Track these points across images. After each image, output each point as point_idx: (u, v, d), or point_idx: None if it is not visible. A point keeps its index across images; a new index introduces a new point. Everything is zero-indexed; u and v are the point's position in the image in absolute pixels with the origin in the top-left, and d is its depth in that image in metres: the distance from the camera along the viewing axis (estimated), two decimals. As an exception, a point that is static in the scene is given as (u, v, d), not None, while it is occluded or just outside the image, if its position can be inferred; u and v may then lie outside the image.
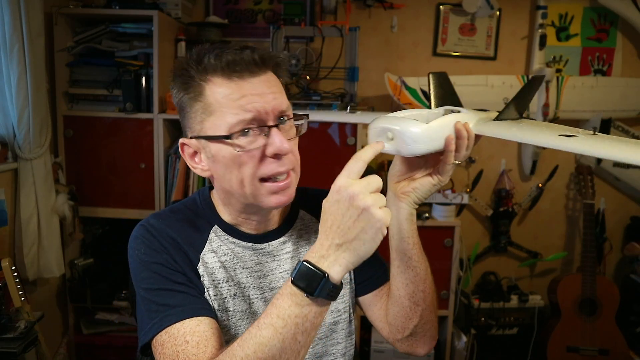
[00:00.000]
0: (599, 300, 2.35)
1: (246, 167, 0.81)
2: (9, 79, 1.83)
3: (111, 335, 2.33)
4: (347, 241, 0.67)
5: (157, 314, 0.79)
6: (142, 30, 2.18)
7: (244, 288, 0.89)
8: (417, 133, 0.76)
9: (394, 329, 0.97)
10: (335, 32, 2.34)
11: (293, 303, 0.68)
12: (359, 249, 0.67)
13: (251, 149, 0.80)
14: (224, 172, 0.83)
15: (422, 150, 0.77)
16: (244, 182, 0.82)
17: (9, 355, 1.50)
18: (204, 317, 0.79)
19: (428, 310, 0.93)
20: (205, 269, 0.87)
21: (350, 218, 0.67)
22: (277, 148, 0.80)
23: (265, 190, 0.83)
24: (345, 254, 0.68)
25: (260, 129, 0.80)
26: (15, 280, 1.62)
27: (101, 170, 2.25)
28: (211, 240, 0.90)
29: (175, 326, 0.77)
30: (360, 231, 0.66)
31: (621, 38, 2.62)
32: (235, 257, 0.90)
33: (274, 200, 0.83)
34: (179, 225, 0.89)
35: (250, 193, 0.83)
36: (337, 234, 0.68)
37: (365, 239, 0.67)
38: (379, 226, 0.66)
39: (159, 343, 0.77)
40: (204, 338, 0.76)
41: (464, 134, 0.80)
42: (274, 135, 0.80)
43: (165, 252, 0.84)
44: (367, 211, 0.65)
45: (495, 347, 2.55)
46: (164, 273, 0.82)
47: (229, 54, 0.80)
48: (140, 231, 0.88)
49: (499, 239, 2.68)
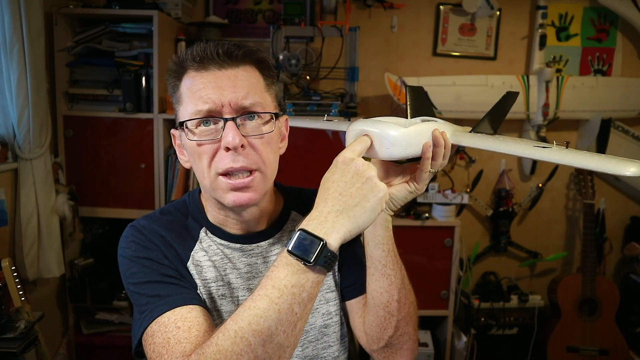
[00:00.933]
0: (599, 300, 2.35)
1: (203, 159, 0.82)
2: (9, 79, 1.83)
3: (111, 335, 2.33)
4: (348, 207, 0.67)
5: (148, 306, 0.77)
6: (142, 30, 2.19)
7: (233, 289, 0.88)
8: (395, 136, 0.76)
9: (370, 338, 0.94)
10: (335, 32, 2.34)
11: (289, 272, 0.66)
12: (359, 216, 0.67)
13: (205, 140, 0.81)
14: (192, 163, 0.85)
15: (399, 154, 0.77)
16: (204, 174, 0.83)
17: (9, 355, 1.50)
18: (196, 305, 0.78)
19: (404, 321, 0.90)
20: (196, 267, 0.87)
21: (353, 185, 0.68)
22: (227, 141, 0.78)
23: (223, 186, 0.81)
24: (345, 220, 0.67)
25: (214, 120, 0.80)
26: (15, 280, 1.62)
27: (101, 170, 2.25)
28: (202, 240, 0.90)
29: (165, 315, 0.75)
30: (362, 198, 0.68)
31: (621, 38, 2.62)
32: (225, 257, 0.89)
33: (230, 197, 0.82)
34: (169, 225, 0.89)
35: (210, 186, 0.83)
36: (338, 200, 0.68)
37: (366, 207, 0.68)
38: (381, 195, 0.68)
39: (149, 334, 0.75)
40: (196, 323, 0.74)
41: (441, 142, 0.80)
42: (227, 129, 0.79)
43: (156, 249, 0.84)
44: (371, 180, 0.68)
45: (495, 347, 2.55)
46: (154, 267, 0.82)
47: (203, 48, 0.82)
48: (130, 231, 0.87)
49: (499, 239, 2.68)
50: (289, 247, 0.67)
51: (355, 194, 0.68)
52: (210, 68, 0.81)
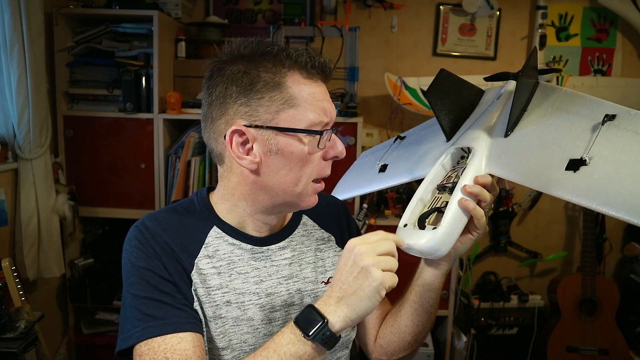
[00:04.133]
0: (599, 300, 2.35)
1: (310, 166, 0.82)
2: (9, 79, 1.83)
3: (111, 335, 2.33)
4: (346, 295, 0.72)
5: (140, 323, 0.78)
6: (142, 30, 2.19)
7: (239, 294, 0.87)
8: (431, 247, 0.75)
9: (383, 351, 1.01)
10: (335, 32, 2.34)
11: (290, 341, 0.71)
12: (356, 305, 0.71)
13: (321, 150, 0.83)
14: (281, 167, 0.81)
15: (447, 249, 0.76)
16: (300, 180, 0.83)
17: (9, 355, 1.50)
18: (187, 332, 0.78)
19: (422, 342, 1.00)
20: (199, 276, 0.85)
21: (350, 274, 0.72)
22: (340, 152, 0.84)
23: (312, 190, 0.85)
24: (344, 307, 0.72)
25: (328, 132, 0.83)
26: (15, 280, 1.62)
27: (101, 170, 2.25)
28: (207, 245, 0.88)
29: (156, 340, 0.76)
30: (358, 288, 0.71)
31: (621, 38, 2.62)
32: (231, 261, 0.88)
33: (313, 200, 0.87)
34: (174, 229, 0.87)
35: (300, 192, 0.84)
36: (339, 286, 0.73)
37: (362, 296, 0.71)
38: (375, 285, 0.70)
39: (137, 354, 0.77)
40: (185, 357, 0.75)
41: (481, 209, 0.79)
42: (336, 140, 0.85)
43: (157, 258, 0.83)
44: (366, 269, 0.70)
45: (495, 347, 2.55)
46: (152, 281, 0.81)
47: (309, 55, 0.81)
48: (134, 232, 0.86)
49: (499, 239, 2.68)
50: (295, 318, 0.73)
51: (352, 283, 0.71)
52: (315, 79, 0.82)
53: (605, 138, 0.69)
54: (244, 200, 0.87)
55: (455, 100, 0.95)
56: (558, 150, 0.73)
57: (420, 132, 1.10)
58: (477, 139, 0.84)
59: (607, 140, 0.69)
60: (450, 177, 0.84)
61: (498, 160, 0.80)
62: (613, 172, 0.65)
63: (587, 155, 0.68)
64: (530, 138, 0.79)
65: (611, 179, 0.64)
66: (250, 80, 0.80)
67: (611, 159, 0.66)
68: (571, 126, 0.75)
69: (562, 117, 0.78)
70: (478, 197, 0.78)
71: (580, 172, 0.68)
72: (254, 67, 0.80)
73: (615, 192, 0.63)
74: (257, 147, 0.81)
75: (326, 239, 1.00)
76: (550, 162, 0.72)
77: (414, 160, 0.99)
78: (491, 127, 0.86)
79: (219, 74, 0.83)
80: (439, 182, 0.85)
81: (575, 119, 0.76)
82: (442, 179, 0.85)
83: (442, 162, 0.86)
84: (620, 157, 0.66)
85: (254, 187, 0.85)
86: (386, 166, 1.06)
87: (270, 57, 0.80)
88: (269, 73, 0.80)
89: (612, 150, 0.68)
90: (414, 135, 1.11)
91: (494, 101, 0.94)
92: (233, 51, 0.83)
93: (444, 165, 0.87)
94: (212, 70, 0.84)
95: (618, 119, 0.71)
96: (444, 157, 0.87)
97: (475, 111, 0.98)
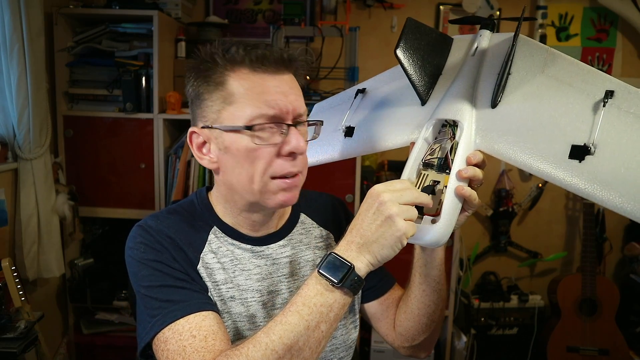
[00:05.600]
0: (599, 300, 2.35)
1: (259, 162, 0.80)
2: (9, 79, 1.83)
3: (111, 335, 2.33)
4: (368, 242, 0.71)
5: (160, 311, 0.77)
6: (142, 30, 2.19)
7: (243, 290, 0.87)
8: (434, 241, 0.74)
9: (404, 338, 1.00)
10: (335, 32, 2.34)
11: (319, 292, 0.70)
12: (377, 252, 0.71)
13: (269, 144, 0.79)
14: (234, 166, 0.82)
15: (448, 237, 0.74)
16: (254, 178, 0.81)
17: (9, 355, 1.50)
18: (209, 311, 0.78)
19: (440, 324, 0.99)
20: (206, 270, 0.86)
21: (373, 222, 0.71)
22: (294, 147, 0.80)
23: (274, 187, 0.82)
24: (367, 254, 0.71)
25: (278, 126, 0.80)
26: (15, 280, 1.62)
27: (101, 170, 2.25)
28: (210, 242, 0.88)
29: (179, 322, 0.75)
30: (380, 236, 0.70)
31: (621, 38, 2.62)
32: (234, 258, 0.89)
33: (280, 197, 0.83)
34: (176, 226, 0.87)
35: (258, 189, 0.81)
36: (360, 233, 0.71)
37: (384, 244, 0.70)
38: (398, 235, 0.69)
39: (162, 340, 0.75)
40: (212, 332, 0.75)
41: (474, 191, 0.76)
42: (292, 134, 0.80)
43: (166, 251, 0.83)
44: (390, 219, 0.69)
45: (495, 347, 2.55)
46: (165, 270, 0.81)
47: (259, 49, 0.80)
48: (138, 231, 0.86)
49: (499, 239, 2.68)
50: (319, 268, 0.71)
51: (375, 231, 0.70)
52: (268, 71, 0.80)
53: (608, 122, 0.66)
54: (228, 202, 0.89)
55: (425, 56, 0.86)
56: (558, 131, 0.69)
57: (384, 87, 1.00)
58: (461, 111, 0.78)
59: (610, 125, 0.66)
60: (434, 150, 0.81)
61: (489, 136, 0.75)
62: (621, 166, 0.62)
63: (592, 143, 0.65)
64: (523, 113, 0.74)
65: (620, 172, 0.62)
66: (201, 82, 0.83)
67: (617, 149, 0.64)
68: (567, 102, 0.71)
69: (556, 90, 0.74)
70: (472, 179, 0.77)
71: (586, 163, 0.64)
72: (205, 69, 0.82)
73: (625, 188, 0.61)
74: (213, 147, 0.84)
75: (325, 236, 1.00)
76: (551, 147, 0.68)
77: (386, 125, 0.91)
78: (473, 93, 0.81)
79: (188, 81, 0.86)
80: (423, 158, 0.81)
81: (571, 93, 0.72)
82: (426, 154, 0.81)
83: (425, 136, 0.81)
84: (627, 147, 0.63)
85: (225, 187, 0.87)
86: (352, 129, 0.97)
87: (219, 57, 0.81)
88: (216, 73, 0.81)
89: (617, 138, 0.64)
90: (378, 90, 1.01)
91: (469, 58, 0.87)
92: (200, 56, 0.84)
93: (426, 139, 0.81)
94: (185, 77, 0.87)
95: (617, 97, 0.68)
96: (425, 129, 0.81)
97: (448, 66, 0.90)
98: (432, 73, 0.87)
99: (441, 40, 0.91)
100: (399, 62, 0.82)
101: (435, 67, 0.88)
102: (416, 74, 0.84)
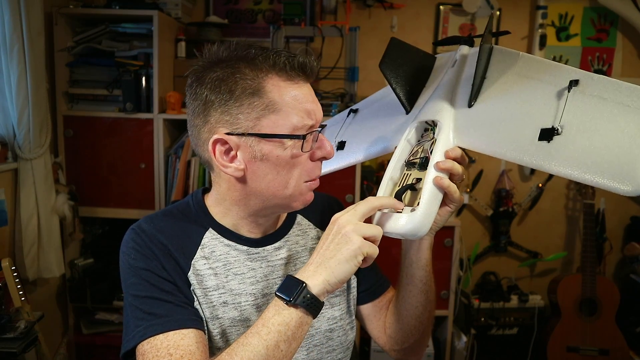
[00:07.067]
0: (599, 300, 2.35)
1: (298, 169, 0.82)
2: (9, 79, 1.83)
3: (111, 335, 2.33)
4: (326, 260, 0.74)
5: (142, 322, 0.78)
6: (142, 30, 2.19)
7: (236, 295, 0.87)
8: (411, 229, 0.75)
9: (393, 341, 1.01)
10: (335, 32, 2.34)
11: (275, 312, 0.73)
12: (334, 267, 0.73)
13: (307, 152, 0.82)
14: (267, 172, 0.81)
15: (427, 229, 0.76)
16: (289, 183, 0.82)
17: (9, 355, 1.50)
18: (190, 329, 0.78)
19: (429, 327, 0.99)
20: (196, 277, 0.85)
21: (331, 242, 0.75)
22: (327, 152, 0.84)
23: (305, 189, 0.84)
24: (323, 271, 0.74)
25: (314, 134, 0.82)
26: (15, 280, 1.62)
27: (101, 170, 2.25)
28: (204, 246, 0.88)
29: (158, 337, 0.76)
30: (336, 252, 0.73)
31: (621, 38, 2.62)
32: (228, 262, 0.88)
33: (307, 198, 0.86)
34: (170, 230, 0.87)
35: (290, 194, 0.83)
36: (320, 254, 0.76)
37: (340, 259, 0.73)
38: (353, 249, 0.72)
39: (140, 352, 0.77)
40: (188, 352, 0.75)
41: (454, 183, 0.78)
42: (324, 141, 0.84)
43: (155, 259, 0.83)
44: (345, 235, 0.73)
45: (495, 347, 2.55)
46: (152, 280, 0.81)
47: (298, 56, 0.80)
48: (131, 235, 0.87)
49: (499, 239, 2.68)
50: (276, 290, 0.75)
51: (332, 249, 0.74)
52: (301, 80, 0.81)
53: (573, 105, 0.70)
54: (236, 205, 0.88)
55: (409, 70, 0.95)
56: (528, 119, 0.73)
57: (373, 105, 1.09)
58: (441, 111, 0.83)
59: (575, 108, 0.70)
60: (417, 152, 0.84)
61: (466, 132, 0.80)
62: (587, 141, 0.66)
63: (558, 124, 0.69)
64: (496, 108, 0.79)
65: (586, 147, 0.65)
66: (228, 88, 0.78)
67: (583, 127, 0.67)
68: (535, 93, 0.76)
69: (525, 85, 0.78)
70: (450, 172, 0.78)
71: (554, 142, 0.68)
72: (231, 73, 0.79)
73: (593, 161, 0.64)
74: (241, 155, 0.80)
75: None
76: (522, 133, 0.72)
77: (373, 135, 0.98)
78: (452, 97, 0.86)
79: (198, 82, 0.82)
80: (406, 158, 0.84)
81: (539, 85, 0.76)
82: (409, 155, 0.84)
83: (407, 138, 0.86)
84: (592, 124, 0.67)
85: (243, 192, 0.85)
86: (344, 143, 1.05)
87: (247, 62, 0.79)
88: (247, 79, 0.78)
89: (582, 118, 0.68)
90: (368, 108, 1.09)
91: (449, 69, 0.93)
92: (211, 57, 0.82)
93: (409, 141, 0.86)
94: (192, 78, 0.84)
95: (581, 84, 0.71)
96: (408, 131, 0.86)
97: (431, 80, 0.97)
98: (415, 84, 0.95)
99: (424, 58, 1.01)
100: (383, 74, 0.90)
101: (418, 79, 0.96)
102: (399, 85, 0.92)
